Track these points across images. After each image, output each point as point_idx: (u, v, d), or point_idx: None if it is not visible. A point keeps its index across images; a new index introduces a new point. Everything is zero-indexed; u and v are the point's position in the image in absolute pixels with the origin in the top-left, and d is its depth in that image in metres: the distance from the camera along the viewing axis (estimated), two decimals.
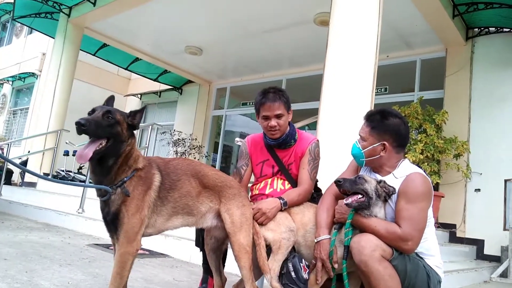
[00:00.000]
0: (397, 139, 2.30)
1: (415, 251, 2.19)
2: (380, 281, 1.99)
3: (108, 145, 1.96)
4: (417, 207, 2.11)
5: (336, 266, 2.20)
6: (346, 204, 2.16)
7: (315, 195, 2.75)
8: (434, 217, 6.39)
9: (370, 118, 2.36)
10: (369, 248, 2.01)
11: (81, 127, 1.86)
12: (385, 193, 2.18)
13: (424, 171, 2.34)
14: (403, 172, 2.25)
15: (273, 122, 2.64)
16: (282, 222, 2.39)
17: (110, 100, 2.18)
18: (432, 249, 2.26)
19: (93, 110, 2.02)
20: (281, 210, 2.49)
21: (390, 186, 2.20)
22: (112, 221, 2.02)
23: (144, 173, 2.09)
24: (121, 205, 1.99)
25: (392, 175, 2.30)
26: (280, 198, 2.52)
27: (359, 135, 2.38)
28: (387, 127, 2.29)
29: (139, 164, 2.09)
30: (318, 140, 2.81)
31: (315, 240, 2.29)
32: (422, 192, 2.15)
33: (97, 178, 2.03)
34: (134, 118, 2.08)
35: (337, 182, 2.22)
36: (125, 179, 2.02)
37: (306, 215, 2.48)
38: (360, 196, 2.15)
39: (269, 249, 2.36)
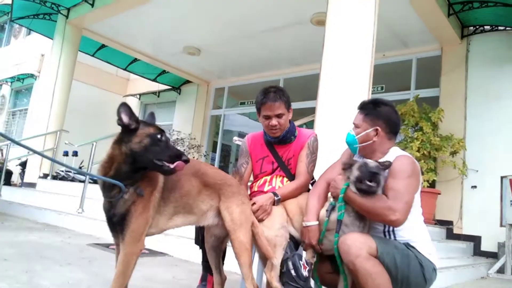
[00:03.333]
0: (389, 125, 2.40)
1: (404, 240, 2.22)
2: (368, 279, 2.00)
3: None
4: (403, 182, 2.17)
5: (323, 247, 2.28)
6: (369, 186, 2.15)
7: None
8: (431, 213, 6.42)
9: (364, 107, 2.47)
10: (355, 247, 2.04)
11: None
12: (385, 169, 2.24)
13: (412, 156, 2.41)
14: (392, 156, 2.32)
15: (274, 122, 2.69)
16: (277, 219, 2.43)
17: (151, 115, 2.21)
18: (421, 237, 2.28)
19: (164, 135, 2.04)
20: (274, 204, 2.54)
21: (386, 161, 2.26)
22: (119, 221, 2.01)
23: (151, 173, 2.09)
24: (131, 206, 1.99)
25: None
26: (274, 194, 2.56)
27: (353, 123, 2.47)
28: (379, 113, 2.39)
29: None
30: (316, 135, 2.86)
31: (303, 224, 2.34)
32: (409, 169, 2.22)
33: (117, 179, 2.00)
34: None
35: (379, 165, 2.22)
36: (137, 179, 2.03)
37: (300, 202, 2.52)
38: (375, 184, 2.17)
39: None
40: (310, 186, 2.80)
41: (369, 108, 2.43)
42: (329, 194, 2.40)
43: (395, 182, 2.18)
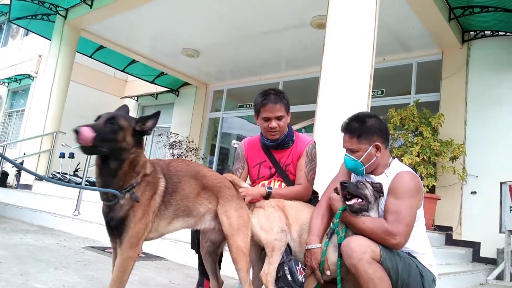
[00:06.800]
0: (383, 135, 2.37)
1: (407, 250, 2.21)
2: (370, 283, 2.00)
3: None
4: (405, 202, 2.14)
5: (328, 273, 2.22)
6: (349, 206, 2.20)
7: (311, 197, 2.75)
8: (430, 219, 6.39)
9: (349, 128, 2.38)
10: (358, 250, 2.03)
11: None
12: (377, 192, 2.24)
13: (416, 171, 2.37)
14: (394, 171, 2.30)
15: (274, 124, 2.67)
16: (276, 222, 2.38)
17: (124, 108, 2.21)
18: (422, 247, 2.28)
19: (99, 117, 1.99)
20: (265, 198, 2.55)
21: (377, 183, 2.26)
22: (117, 226, 1.99)
23: (151, 178, 2.07)
24: (129, 211, 1.97)
25: (384, 174, 2.35)
26: (268, 187, 2.56)
27: (348, 149, 2.38)
28: (371, 129, 2.34)
29: (147, 170, 2.07)
30: (315, 142, 2.83)
31: (306, 247, 2.29)
32: (411, 188, 2.19)
33: (103, 181, 1.99)
34: (144, 124, 2.03)
35: (342, 184, 2.24)
36: (134, 184, 2.00)
37: (301, 211, 2.49)
38: (360, 200, 2.20)
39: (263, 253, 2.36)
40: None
41: (357, 128, 2.35)
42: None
43: (396, 204, 2.15)
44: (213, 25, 8.51)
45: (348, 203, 2.20)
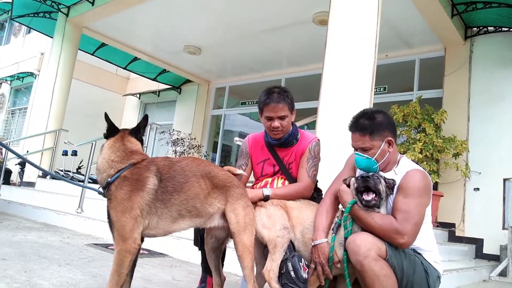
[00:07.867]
0: (393, 130, 2.33)
1: (412, 247, 2.19)
2: (375, 281, 1.98)
3: None
4: (414, 201, 2.11)
5: (338, 265, 2.20)
6: (366, 201, 2.15)
7: (315, 195, 2.73)
8: (433, 216, 6.41)
9: (359, 126, 2.30)
10: (364, 247, 2.00)
11: None
12: (389, 189, 2.20)
13: (424, 169, 2.34)
14: (403, 169, 2.26)
15: (276, 123, 2.63)
16: (278, 220, 2.38)
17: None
18: (428, 244, 2.26)
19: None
20: (264, 200, 2.52)
21: (390, 179, 2.22)
22: (108, 218, 2.10)
23: (130, 174, 2.09)
24: (109, 204, 2.08)
25: (393, 172, 2.31)
26: (264, 190, 2.54)
27: (359, 148, 2.32)
28: (381, 125, 2.28)
29: (112, 170, 2.12)
30: (319, 139, 2.80)
31: (312, 243, 2.27)
32: (421, 187, 2.15)
33: None
34: None
35: (364, 177, 2.18)
36: (109, 180, 2.08)
37: (304, 211, 2.47)
38: (374, 195, 2.15)
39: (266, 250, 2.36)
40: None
41: (368, 125, 2.28)
42: (340, 206, 2.35)
43: (405, 202, 2.12)
44: (215, 22, 8.50)
45: (366, 198, 2.15)
